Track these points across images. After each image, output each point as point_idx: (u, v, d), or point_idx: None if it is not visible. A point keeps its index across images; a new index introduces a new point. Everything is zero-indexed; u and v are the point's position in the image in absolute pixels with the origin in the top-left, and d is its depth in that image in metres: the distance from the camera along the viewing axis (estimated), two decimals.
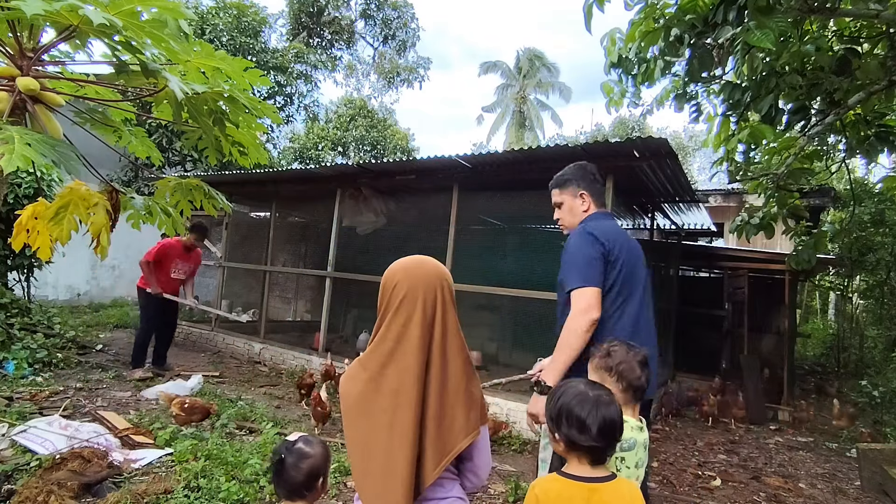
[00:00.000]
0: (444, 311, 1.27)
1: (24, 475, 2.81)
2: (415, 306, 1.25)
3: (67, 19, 1.59)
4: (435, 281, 1.29)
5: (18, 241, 2.11)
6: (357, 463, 1.23)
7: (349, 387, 1.28)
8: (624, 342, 1.77)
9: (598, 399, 1.39)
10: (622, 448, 1.65)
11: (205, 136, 2.19)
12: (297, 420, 4.60)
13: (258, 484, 2.99)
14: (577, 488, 1.37)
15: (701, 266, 9.52)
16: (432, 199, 6.46)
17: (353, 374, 1.29)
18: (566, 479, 1.39)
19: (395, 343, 1.23)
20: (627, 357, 1.71)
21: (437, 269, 1.32)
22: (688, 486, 3.90)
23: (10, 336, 5.39)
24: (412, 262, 1.33)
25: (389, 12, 18.29)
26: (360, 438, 1.23)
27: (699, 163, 21.01)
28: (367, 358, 1.27)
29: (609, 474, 1.40)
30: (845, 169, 4.86)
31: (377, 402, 1.22)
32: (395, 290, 1.28)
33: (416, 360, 1.22)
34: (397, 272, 1.31)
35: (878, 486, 4.00)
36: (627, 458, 1.67)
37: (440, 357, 1.25)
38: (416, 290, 1.26)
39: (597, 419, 1.35)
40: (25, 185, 6.15)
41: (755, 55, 3.02)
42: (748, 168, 4.31)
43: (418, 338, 1.23)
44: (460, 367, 1.27)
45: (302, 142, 15.27)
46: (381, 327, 1.28)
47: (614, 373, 1.71)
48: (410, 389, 1.20)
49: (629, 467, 1.67)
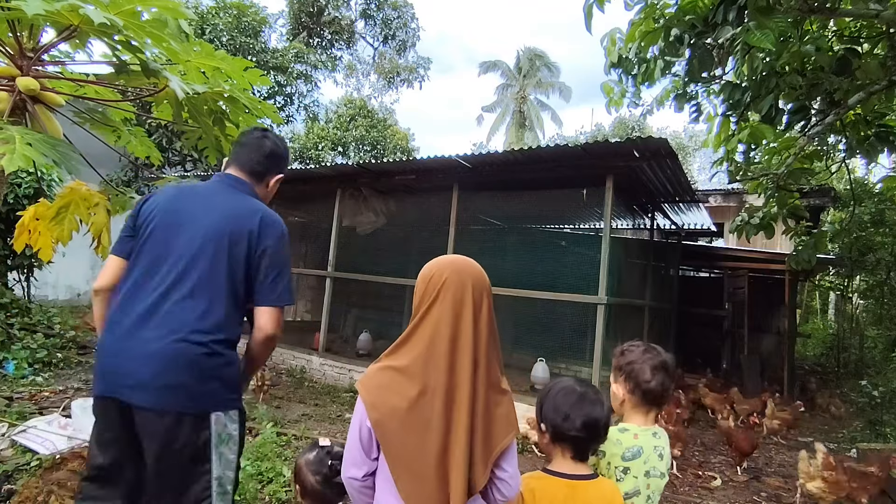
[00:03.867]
0: (490, 307, 1.28)
1: (24, 475, 2.81)
2: (464, 303, 1.23)
3: (67, 19, 1.59)
4: (481, 278, 1.29)
5: (20, 241, 2.11)
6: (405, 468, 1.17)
7: (387, 398, 1.19)
8: (645, 344, 1.71)
9: (584, 395, 1.42)
10: (625, 458, 1.58)
11: (205, 135, 2.19)
12: (297, 420, 4.60)
13: (258, 484, 2.99)
14: (560, 484, 1.40)
15: (701, 266, 9.53)
16: (432, 199, 6.47)
17: (387, 383, 1.21)
18: (550, 475, 1.43)
19: (449, 342, 1.20)
20: (640, 358, 1.65)
21: (479, 268, 1.33)
22: (688, 486, 3.90)
23: (10, 336, 5.39)
24: (458, 259, 1.32)
25: (389, 12, 18.29)
26: (412, 443, 1.17)
27: (699, 163, 21.03)
28: (404, 359, 1.22)
29: (591, 473, 1.44)
30: (845, 169, 4.86)
31: (425, 405, 1.17)
32: (443, 286, 1.24)
33: (468, 358, 1.20)
34: (444, 268, 1.28)
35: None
36: (633, 468, 1.58)
37: (485, 355, 1.23)
38: (464, 287, 1.24)
39: (581, 413, 1.39)
40: (25, 185, 6.15)
41: (755, 55, 3.01)
42: (748, 168, 4.31)
43: (470, 335, 1.21)
44: (497, 364, 1.27)
45: (302, 142, 15.26)
46: (422, 324, 1.23)
47: (622, 373, 1.69)
48: (463, 387, 1.18)
49: (636, 476, 1.58)
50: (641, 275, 6.78)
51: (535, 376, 5.70)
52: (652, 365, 1.62)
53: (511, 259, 6.71)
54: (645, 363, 1.64)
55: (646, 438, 1.62)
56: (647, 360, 1.64)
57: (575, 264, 6.05)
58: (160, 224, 1.63)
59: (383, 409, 1.18)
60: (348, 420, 4.73)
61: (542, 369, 5.68)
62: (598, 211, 6.15)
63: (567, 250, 7.02)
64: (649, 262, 7.03)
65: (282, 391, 5.59)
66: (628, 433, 1.63)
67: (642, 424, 1.65)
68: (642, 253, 7.12)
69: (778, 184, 4.21)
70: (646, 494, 1.60)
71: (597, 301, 4.68)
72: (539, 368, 5.70)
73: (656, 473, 1.61)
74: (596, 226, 7.87)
